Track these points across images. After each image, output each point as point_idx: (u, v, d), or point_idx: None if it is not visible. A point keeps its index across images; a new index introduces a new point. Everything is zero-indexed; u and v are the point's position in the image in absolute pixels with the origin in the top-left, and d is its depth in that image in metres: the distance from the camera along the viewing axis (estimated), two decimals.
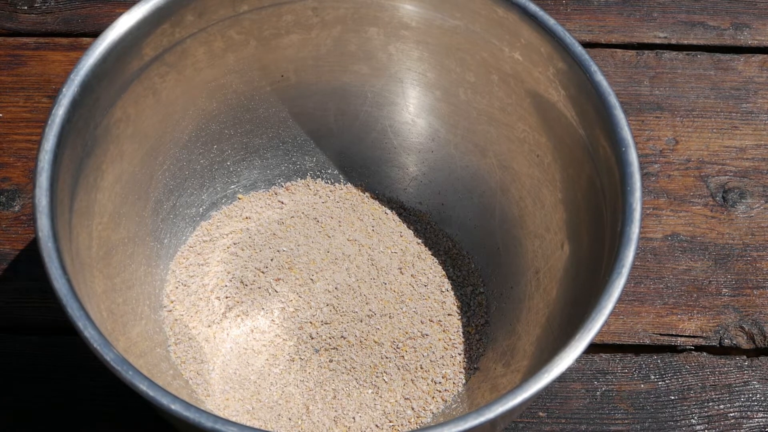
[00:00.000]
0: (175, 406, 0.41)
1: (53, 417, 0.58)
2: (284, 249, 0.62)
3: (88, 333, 0.43)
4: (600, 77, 0.50)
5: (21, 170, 0.68)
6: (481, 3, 0.53)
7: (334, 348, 0.58)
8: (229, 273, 0.61)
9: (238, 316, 0.60)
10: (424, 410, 0.57)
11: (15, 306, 0.62)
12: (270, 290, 0.60)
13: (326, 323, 0.59)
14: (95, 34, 0.51)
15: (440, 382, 0.58)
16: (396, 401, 0.57)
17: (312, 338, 0.58)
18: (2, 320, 0.62)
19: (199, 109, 0.60)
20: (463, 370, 0.59)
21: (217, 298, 0.60)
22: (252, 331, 0.59)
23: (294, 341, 0.58)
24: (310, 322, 0.59)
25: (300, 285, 0.60)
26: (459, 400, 0.57)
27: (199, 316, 0.60)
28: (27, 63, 0.73)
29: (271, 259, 0.61)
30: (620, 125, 0.49)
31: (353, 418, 0.56)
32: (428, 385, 0.58)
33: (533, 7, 0.52)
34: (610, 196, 0.49)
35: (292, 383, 0.57)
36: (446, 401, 0.57)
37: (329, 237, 0.63)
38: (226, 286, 0.61)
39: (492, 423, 0.42)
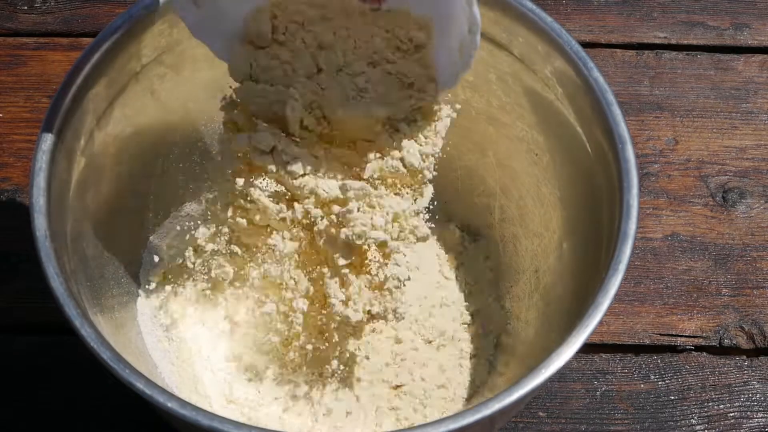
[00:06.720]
0: (171, 404, 0.41)
1: (53, 417, 0.58)
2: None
3: (85, 331, 0.43)
4: (597, 74, 0.50)
5: (21, 170, 0.68)
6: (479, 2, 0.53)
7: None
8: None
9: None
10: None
11: (15, 306, 0.62)
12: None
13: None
14: (95, 34, 0.51)
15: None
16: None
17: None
18: (2, 320, 0.62)
19: (198, 110, 0.60)
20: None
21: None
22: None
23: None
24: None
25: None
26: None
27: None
28: (27, 63, 0.73)
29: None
30: (617, 122, 0.49)
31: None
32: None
33: (530, 6, 0.51)
34: (607, 193, 0.49)
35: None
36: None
37: None
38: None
39: (490, 419, 0.41)
